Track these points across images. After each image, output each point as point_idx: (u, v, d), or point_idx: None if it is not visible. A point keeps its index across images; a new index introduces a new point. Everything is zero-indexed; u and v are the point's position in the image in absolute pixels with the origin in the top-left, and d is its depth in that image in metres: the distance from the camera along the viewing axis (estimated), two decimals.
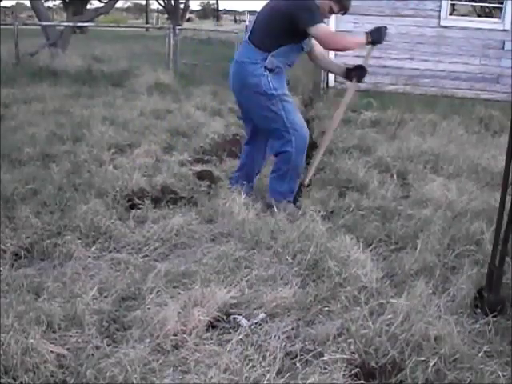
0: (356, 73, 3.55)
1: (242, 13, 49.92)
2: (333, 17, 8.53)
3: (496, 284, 2.30)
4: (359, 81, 3.58)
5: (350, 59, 8.58)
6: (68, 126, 5.31)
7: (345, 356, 1.93)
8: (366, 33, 3.36)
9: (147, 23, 39.03)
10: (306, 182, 3.60)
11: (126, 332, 2.07)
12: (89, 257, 2.72)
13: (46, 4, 31.05)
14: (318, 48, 3.53)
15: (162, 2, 36.44)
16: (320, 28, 3.20)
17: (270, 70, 3.30)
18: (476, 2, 11.62)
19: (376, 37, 3.38)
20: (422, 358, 1.90)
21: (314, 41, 3.43)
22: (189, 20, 46.47)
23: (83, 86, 8.02)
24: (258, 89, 3.31)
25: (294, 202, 3.49)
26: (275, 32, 3.28)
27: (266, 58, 3.29)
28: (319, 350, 1.98)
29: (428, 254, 2.77)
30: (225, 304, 2.24)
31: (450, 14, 9.00)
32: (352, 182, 3.95)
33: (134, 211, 3.31)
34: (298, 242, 2.76)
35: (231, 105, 6.31)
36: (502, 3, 8.67)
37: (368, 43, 3.38)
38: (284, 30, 3.26)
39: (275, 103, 3.33)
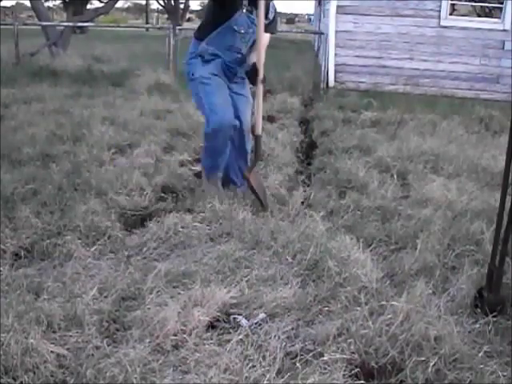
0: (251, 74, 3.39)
1: None
2: (332, 17, 8.57)
3: (496, 284, 2.30)
4: (252, 83, 3.43)
5: (350, 59, 8.65)
6: (68, 125, 5.31)
7: (345, 356, 1.93)
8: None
9: (147, 23, 39.02)
10: (259, 132, 3.39)
11: (126, 332, 2.07)
12: (89, 257, 2.72)
13: (46, 4, 31.05)
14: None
15: (161, 2, 36.41)
16: None
17: (202, 57, 3.40)
18: (476, 1, 11.62)
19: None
20: (422, 358, 1.90)
21: None
22: (189, 20, 46.41)
23: (83, 86, 8.02)
24: (189, 76, 3.48)
25: (229, 182, 3.67)
26: (205, 18, 3.50)
27: (198, 47, 3.42)
28: (319, 350, 1.98)
29: (428, 254, 2.77)
30: (225, 304, 2.24)
31: (450, 14, 8.99)
32: (352, 182, 3.95)
33: (133, 211, 3.31)
34: (297, 242, 2.76)
35: None
36: (501, 3, 8.67)
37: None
38: (210, 12, 3.43)
39: (196, 86, 3.45)
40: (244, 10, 3.29)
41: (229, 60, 3.44)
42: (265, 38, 3.34)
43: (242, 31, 3.34)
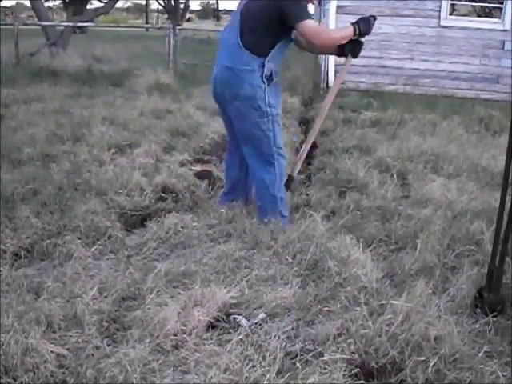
0: (350, 47, 3.09)
1: None
2: (332, 17, 8.57)
3: (496, 284, 2.30)
4: (354, 56, 3.14)
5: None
6: (68, 126, 5.31)
7: (345, 356, 1.93)
8: (353, 24, 3.01)
9: (147, 23, 39.03)
10: (295, 173, 3.30)
11: (126, 332, 2.07)
12: (89, 257, 2.72)
13: (46, 4, 31.05)
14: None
15: (161, 2, 36.43)
16: (308, 24, 2.84)
17: (269, 80, 2.94)
18: (476, 1, 11.62)
19: (364, 28, 3.02)
20: (422, 358, 1.90)
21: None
22: (189, 20, 46.45)
23: (83, 86, 8.02)
24: (253, 102, 2.94)
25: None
26: (267, 31, 2.90)
27: (263, 65, 2.91)
28: (319, 349, 1.98)
29: (428, 254, 2.77)
30: (225, 304, 2.24)
31: (450, 14, 9.00)
32: (352, 181, 3.95)
33: (133, 211, 3.31)
34: (298, 242, 2.76)
35: None
36: (501, 3, 8.67)
37: (356, 35, 3.02)
38: (275, 28, 2.90)
39: (267, 122, 2.98)
40: None
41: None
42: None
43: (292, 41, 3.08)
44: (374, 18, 3.11)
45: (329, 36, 3.07)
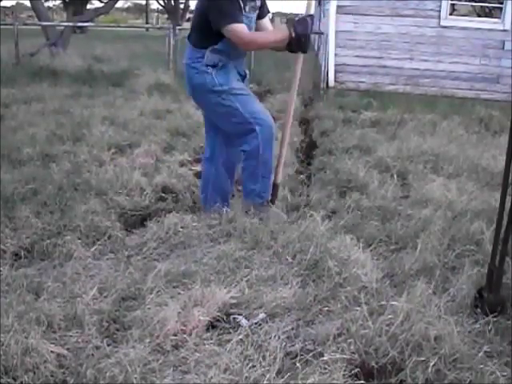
0: (293, 46, 3.04)
1: None
2: (332, 17, 8.57)
3: (496, 284, 2.30)
4: (303, 52, 3.11)
5: (350, 59, 8.65)
6: (68, 126, 5.31)
7: (345, 356, 1.93)
8: (288, 26, 2.97)
9: (147, 23, 39.03)
10: (278, 180, 3.31)
11: (126, 332, 2.07)
12: (89, 257, 2.72)
13: (46, 4, 31.05)
14: (263, 26, 3.26)
15: (161, 2, 36.47)
16: (231, 28, 2.91)
17: (213, 66, 3.08)
18: (476, 1, 11.62)
19: (301, 29, 2.95)
20: (422, 358, 1.90)
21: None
22: (189, 20, 46.40)
23: (83, 86, 8.03)
24: (205, 87, 3.11)
25: (272, 202, 3.29)
26: (206, 29, 3.03)
27: (203, 55, 3.08)
28: (319, 350, 1.98)
29: (428, 254, 2.76)
30: (225, 304, 2.24)
31: (450, 14, 8.99)
32: (352, 181, 3.95)
33: (133, 211, 3.31)
34: (297, 242, 2.76)
35: None
36: (501, 3, 8.68)
37: (291, 38, 2.97)
38: (207, 23, 3.01)
39: (226, 98, 3.11)
40: (246, 10, 3.05)
41: (236, 63, 3.20)
42: (266, 21, 3.27)
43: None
44: (311, 17, 3.05)
45: (255, 42, 3.11)
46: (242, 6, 3.02)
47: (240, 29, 2.95)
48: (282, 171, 3.34)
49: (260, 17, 3.23)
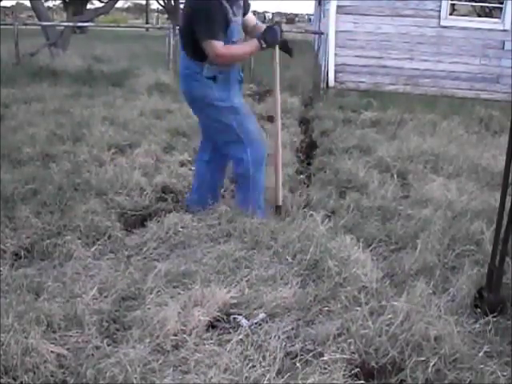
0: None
1: None
2: (332, 17, 8.57)
3: (496, 284, 2.30)
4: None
5: (350, 59, 8.64)
6: (68, 126, 5.32)
7: (345, 356, 1.93)
8: (258, 37, 3.06)
9: (147, 23, 39.01)
10: (280, 202, 3.36)
11: (126, 332, 2.07)
12: (89, 257, 2.72)
13: (46, 4, 31.02)
14: (249, 21, 3.27)
15: (161, 2, 36.41)
16: (210, 44, 2.93)
17: (213, 79, 3.07)
18: (476, 2, 11.62)
19: (270, 38, 3.07)
20: (422, 358, 1.90)
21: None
22: None
23: (83, 86, 8.02)
24: (206, 100, 3.11)
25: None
26: (195, 37, 3.00)
27: (202, 68, 3.04)
28: (319, 350, 1.98)
29: (428, 254, 2.77)
30: (225, 304, 2.24)
31: (450, 14, 8.99)
32: (352, 181, 3.95)
33: (133, 211, 3.31)
34: (298, 242, 2.76)
35: None
36: (502, 3, 8.67)
37: (263, 48, 3.07)
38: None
39: (224, 114, 3.12)
40: (233, 19, 3.04)
41: (234, 71, 3.19)
42: (250, 16, 3.27)
43: (235, 39, 3.09)
44: (279, 24, 3.17)
45: (229, 56, 3.08)
46: (230, 9, 3.00)
47: (217, 45, 2.95)
48: (281, 193, 3.36)
49: (244, 14, 3.23)
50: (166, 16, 41.33)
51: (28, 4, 15.72)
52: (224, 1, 2.96)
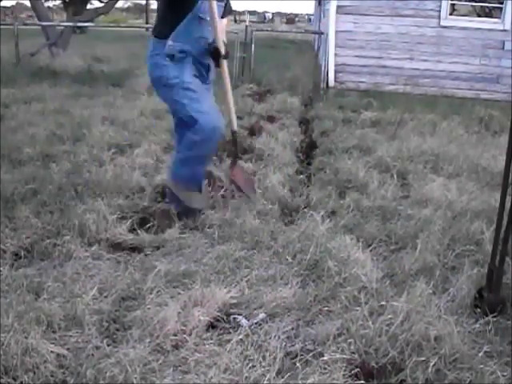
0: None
1: (242, 13, 49.96)
2: (332, 17, 8.57)
3: (496, 284, 2.30)
4: (216, 65, 3.29)
5: (350, 59, 8.64)
6: (68, 126, 5.31)
7: (345, 356, 1.93)
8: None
9: (147, 23, 38.96)
10: (235, 128, 3.48)
11: (126, 332, 2.07)
12: (89, 257, 2.72)
13: (46, 4, 30.98)
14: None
15: None
16: None
17: (172, 58, 3.12)
18: (476, 1, 11.62)
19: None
20: (422, 358, 1.90)
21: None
22: None
23: (83, 86, 8.02)
24: (162, 81, 3.17)
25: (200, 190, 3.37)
26: (163, 13, 3.19)
27: (165, 46, 3.11)
28: (319, 350, 1.98)
29: (428, 254, 2.77)
30: (225, 304, 2.24)
31: (450, 14, 8.98)
32: (352, 181, 3.95)
33: (133, 211, 3.31)
34: (298, 242, 2.76)
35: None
36: (502, 3, 8.67)
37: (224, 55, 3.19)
38: (168, 6, 3.14)
39: (175, 92, 3.15)
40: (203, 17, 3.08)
41: (198, 53, 3.20)
42: (224, 22, 3.31)
43: (208, 18, 3.10)
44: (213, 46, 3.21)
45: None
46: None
47: None
48: (235, 119, 3.47)
49: (223, 16, 3.29)
50: None
51: (28, 4, 15.73)
52: None
